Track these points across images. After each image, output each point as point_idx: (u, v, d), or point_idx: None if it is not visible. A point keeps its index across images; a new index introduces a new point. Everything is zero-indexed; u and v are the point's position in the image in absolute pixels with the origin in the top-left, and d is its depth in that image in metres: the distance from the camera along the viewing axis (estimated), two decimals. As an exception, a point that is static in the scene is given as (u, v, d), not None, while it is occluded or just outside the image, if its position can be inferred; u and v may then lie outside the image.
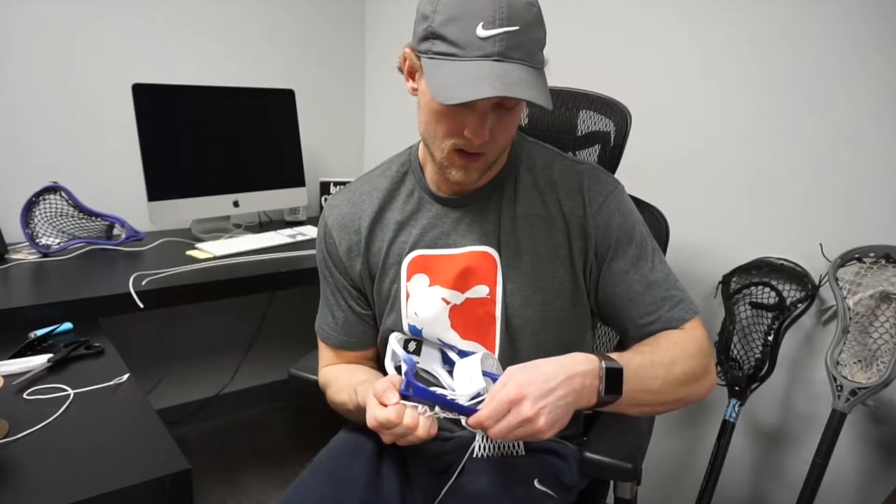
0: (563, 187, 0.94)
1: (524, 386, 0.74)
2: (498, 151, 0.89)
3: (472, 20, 0.77)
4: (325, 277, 1.07)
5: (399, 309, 0.99)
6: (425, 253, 0.97)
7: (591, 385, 0.78)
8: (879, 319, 1.20)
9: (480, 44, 0.77)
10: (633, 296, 0.93)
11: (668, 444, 1.59)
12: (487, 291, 0.95)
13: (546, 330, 0.95)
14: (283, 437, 2.26)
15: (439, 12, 0.79)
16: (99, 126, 1.88)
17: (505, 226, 0.94)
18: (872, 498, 1.25)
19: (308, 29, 2.24)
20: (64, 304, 1.28)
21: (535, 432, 0.74)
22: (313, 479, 0.95)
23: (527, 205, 0.95)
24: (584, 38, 1.63)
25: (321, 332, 1.09)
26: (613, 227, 0.93)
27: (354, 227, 1.01)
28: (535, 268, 0.94)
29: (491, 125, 0.83)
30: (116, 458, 0.84)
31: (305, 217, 2.20)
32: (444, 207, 0.97)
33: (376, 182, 1.03)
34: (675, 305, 0.92)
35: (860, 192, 1.23)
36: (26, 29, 1.73)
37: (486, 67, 0.77)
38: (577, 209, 0.93)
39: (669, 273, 0.95)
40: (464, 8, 0.77)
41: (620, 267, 0.93)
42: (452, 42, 0.78)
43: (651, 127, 1.43)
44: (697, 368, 0.88)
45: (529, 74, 0.79)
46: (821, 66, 1.25)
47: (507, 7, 0.77)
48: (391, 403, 0.78)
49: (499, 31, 0.76)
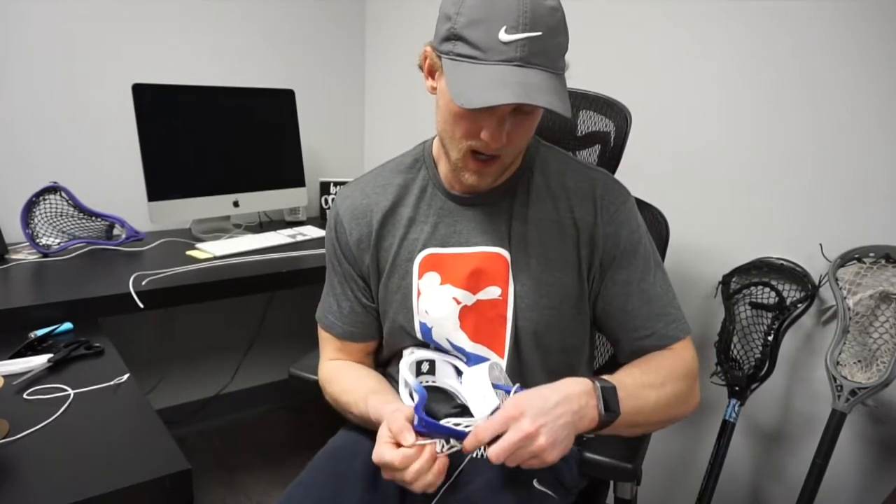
0: (577, 194, 0.94)
1: (522, 405, 0.75)
2: (513, 155, 0.89)
3: (495, 24, 0.76)
4: (332, 267, 1.06)
5: (410, 306, 0.98)
6: (437, 251, 0.97)
7: (588, 405, 0.79)
8: (879, 319, 1.20)
9: (503, 48, 0.77)
10: (631, 308, 0.93)
11: (668, 444, 1.59)
12: (499, 293, 0.95)
13: (549, 334, 0.95)
14: (283, 437, 2.26)
15: (462, 14, 0.79)
16: (99, 126, 1.88)
17: (516, 228, 0.94)
18: (872, 498, 1.25)
19: (308, 29, 2.25)
20: (64, 304, 1.28)
21: (537, 451, 0.74)
22: (313, 478, 0.95)
23: (539, 209, 0.95)
24: (584, 39, 1.63)
25: (324, 321, 1.08)
26: (622, 238, 0.93)
27: (366, 220, 1.01)
28: (543, 272, 0.94)
29: (508, 129, 0.83)
30: (116, 458, 0.84)
31: (305, 217, 2.20)
32: (457, 205, 0.97)
33: (390, 176, 1.02)
34: (670, 323, 0.93)
35: (860, 192, 1.23)
36: (26, 29, 1.73)
37: (507, 72, 0.77)
38: (588, 217, 0.93)
39: (669, 290, 0.96)
40: (487, 11, 0.77)
41: (623, 278, 0.93)
42: (474, 45, 0.78)
43: (651, 127, 1.43)
44: (685, 390, 0.90)
45: (550, 81, 0.78)
46: (821, 66, 1.25)
47: (532, 12, 0.76)
48: (406, 445, 0.77)
49: (522, 35, 0.76)
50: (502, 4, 0.77)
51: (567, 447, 0.76)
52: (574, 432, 0.78)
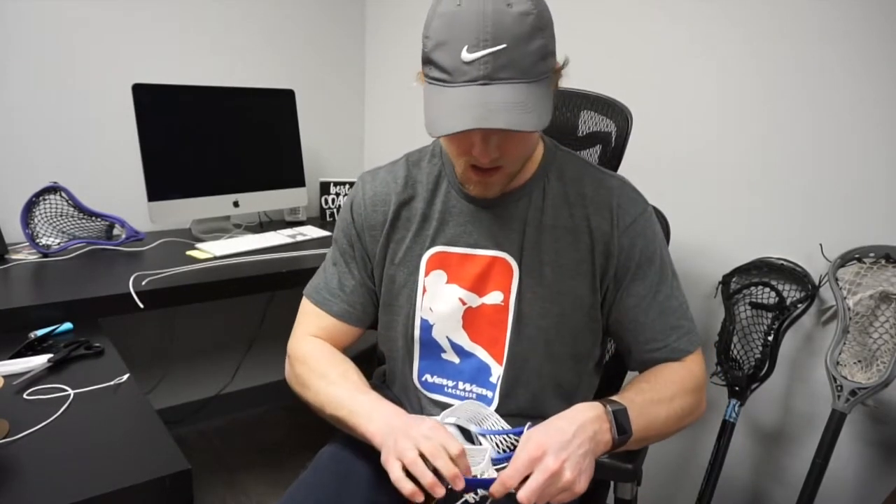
0: (593, 202, 0.93)
1: (542, 443, 0.76)
2: (517, 163, 0.89)
3: (457, 44, 0.75)
4: (342, 247, 1.04)
5: (414, 302, 0.98)
6: (446, 250, 0.97)
7: (602, 429, 0.80)
8: (879, 319, 1.20)
9: (466, 68, 0.75)
10: (644, 320, 0.93)
11: (668, 444, 1.59)
12: (501, 298, 0.95)
13: (559, 341, 0.95)
14: (283, 437, 2.26)
15: (430, 37, 0.79)
16: (99, 126, 1.88)
17: (530, 235, 0.94)
18: (872, 498, 1.25)
19: (308, 29, 2.24)
20: (64, 304, 1.28)
21: (565, 486, 0.74)
22: (316, 478, 0.94)
23: (554, 216, 0.94)
24: (584, 39, 1.63)
25: (316, 295, 1.04)
26: (637, 249, 0.92)
27: (383, 209, 1.00)
28: (556, 280, 0.93)
29: (498, 142, 0.82)
30: (116, 458, 0.84)
31: (305, 217, 2.20)
32: (472, 206, 0.96)
33: (409, 170, 1.01)
34: (682, 336, 0.94)
35: (860, 192, 1.23)
36: (26, 29, 1.73)
37: (470, 94, 0.76)
38: (604, 226, 0.92)
39: (683, 302, 0.96)
40: (450, 32, 0.76)
41: (638, 290, 0.93)
42: (442, 68, 0.78)
43: (651, 127, 1.43)
44: (692, 403, 0.92)
45: (518, 94, 0.76)
46: (821, 66, 1.25)
47: (493, 25, 0.74)
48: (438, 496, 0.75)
49: (484, 52, 0.74)
50: (462, 23, 0.75)
51: (591, 474, 0.77)
52: (595, 457, 0.79)
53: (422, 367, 1.01)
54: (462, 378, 0.99)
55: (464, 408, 0.92)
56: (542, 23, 0.77)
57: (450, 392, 1.00)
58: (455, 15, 0.76)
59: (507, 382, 0.96)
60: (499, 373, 0.96)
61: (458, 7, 0.76)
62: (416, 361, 1.02)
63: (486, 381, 0.98)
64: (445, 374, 1.00)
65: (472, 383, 0.98)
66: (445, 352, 0.99)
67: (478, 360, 0.98)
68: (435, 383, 1.01)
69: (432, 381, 1.01)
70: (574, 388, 1.00)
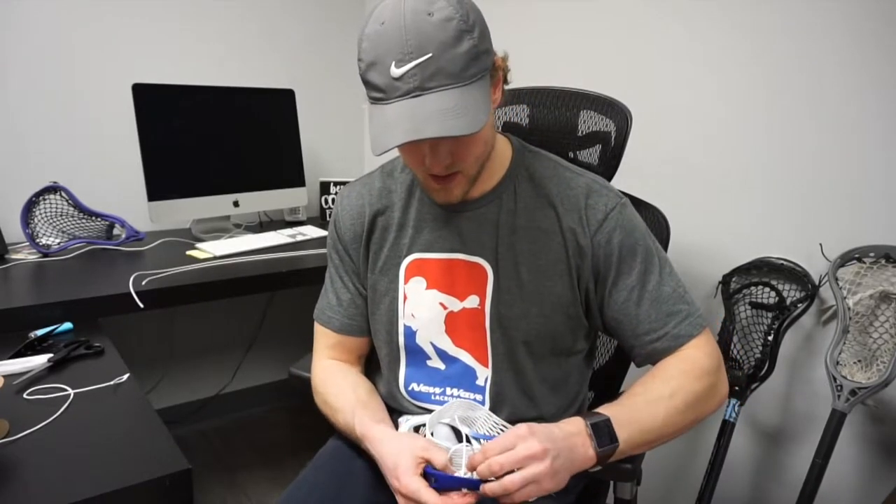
0: (563, 203, 0.93)
1: (532, 427, 0.77)
2: (474, 166, 0.88)
3: (385, 61, 0.77)
4: (332, 261, 1.07)
5: (395, 309, 0.99)
6: (423, 256, 0.97)
7: (583, 444, 0.80)
8: (879, 319, 1.20)
9: (397, 84, 0.77)
10: (638, 312, 0.92)
11: (668, 444, 1.58)
12: (478, 302, 0.95)
13: (541, 341, 0.95)
14: (283, 437, 2.26)
15: (363, 59, 0.81)
16: (99, 126, 1.88)
17: (503, 237, 0.94)
18: (872, 498, 1.25)
19: (308, 29, 2.25)
20: (64, 304, 1.28)
21: (539, 474, 0.74)
22: (315, 478, 0.95)
23: (528, 217, 0.94)
24: (585, 39, 1.63)
25: (321, 316, 1.08)
26: (614, 245, 0.91)
27: (360, 220, 1.02)
28: (533, 280, 0.93)
29: (450, 148, 0.83)
30: (116, 458, 0.84)
31: (305, 217, 2.20)
32: (445, 212, 0.97)
33: (382, 180, 1.03)
34: (681, 321, 0.91)
35: (860, 192, 1.23)
36: (26, 29, 1.73)
37: (402, 108, 0.77)
38: (575, 226, 0.92)
39: (678, 285, 0.93)
40: (377, 51, 0.78)
41: (626, 284, 0.92)
42: (376, 87, 0.79)
43: (651, 127, 1.43)
44: (701, 391, 0.88)
45: (450, 101, 0.76)
46: (821, 66, 1.25)
47: (416, 36, 0.75)
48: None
49: (409, 66, 0.75)
50: (387, 40, 0.76)
51: (561, 482, 0.77)
52: (569, 472, 0.78)
53: (408, 374, 1.01)
54: (449, 384, 0.99)
55: (456, 406, 0.91)
56: (467, 25, 0.77)
57: (437, 400, 0.99)
58: (380, 34, 0.77)
59: (496, 384, 0.96)
60: (486, 375, 0.96)
61: (382, 26, 0.77)
62: (402, 369, 1.02)
63: (472, 384, 0.98)
64: (432, 381, 1.00)
65: (459, 388, 0.98)
66: (431, 359, 0.99)
67: (462, 365, 0.98)
68: (421, 392, 1.01)
69: (419, 389, 1.01)
70: (563, 381, 1.00)
